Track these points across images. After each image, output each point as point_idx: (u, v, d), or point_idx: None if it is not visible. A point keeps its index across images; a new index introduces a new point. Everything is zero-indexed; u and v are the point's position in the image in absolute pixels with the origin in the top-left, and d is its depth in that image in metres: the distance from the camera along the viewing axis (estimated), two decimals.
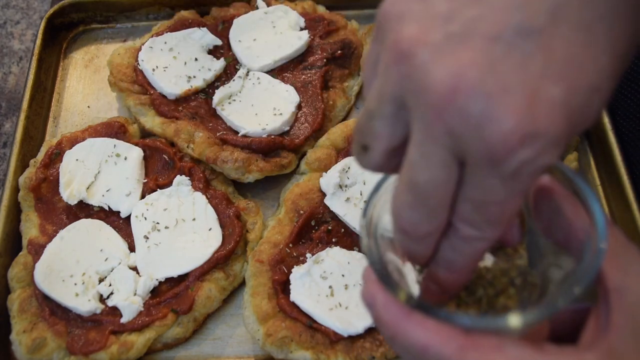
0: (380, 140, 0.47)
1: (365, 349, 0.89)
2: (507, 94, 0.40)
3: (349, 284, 0.93)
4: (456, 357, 0.45)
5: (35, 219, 1.05)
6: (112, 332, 0.93)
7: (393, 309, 0.48)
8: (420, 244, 0.48)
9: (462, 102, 0.41)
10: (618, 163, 1.06)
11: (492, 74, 0.41)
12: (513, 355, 0.45)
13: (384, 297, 0.49)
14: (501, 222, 0.45)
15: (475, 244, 0.47)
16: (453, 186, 0.44)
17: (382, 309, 0.49)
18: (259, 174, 1.07)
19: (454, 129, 0.41)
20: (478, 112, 0.40)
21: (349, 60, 1.23)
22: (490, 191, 0.43)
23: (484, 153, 0.41)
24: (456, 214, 0.46)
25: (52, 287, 0.95)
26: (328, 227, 1.02)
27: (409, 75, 0.43)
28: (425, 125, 0.43)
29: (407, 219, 0.47)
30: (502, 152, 0.41)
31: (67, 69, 1.30)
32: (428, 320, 0.47)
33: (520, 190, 0.43)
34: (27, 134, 1.15)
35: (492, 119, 0.40)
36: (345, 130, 1.11)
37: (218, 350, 0.97)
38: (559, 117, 0.41)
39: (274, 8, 1.26)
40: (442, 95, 0.41)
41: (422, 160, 0.44)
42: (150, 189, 1.06)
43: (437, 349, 0.46)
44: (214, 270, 0.98)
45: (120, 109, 1.23)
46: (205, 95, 1.17)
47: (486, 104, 0.40)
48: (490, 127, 0.40)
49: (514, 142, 0.40)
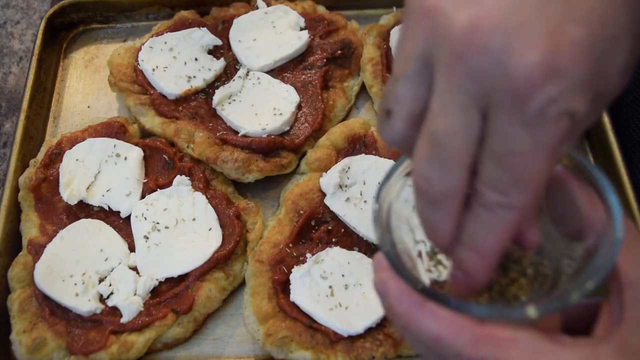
0: (403, 102, 0.46)
1: (365, 349, 0.89)
2: (529, 30, 0.39)
3: (349, 284, 0.93)
4: (469, 349, 0.44)
5: (35, 219, 1.05)
6: (112, 332, 0.93)
7: (406, 298, 0.47)
8: (439, 209, 0.45)
9: (483, 40, 0.40)
10: (618, 163, 1.06)
11: (513, 13, 0.40)
12: (528, 347, 0.44)
13: (397, 286, 0.47)
14: (527, 184, 0.42)
15: (501, 215, 0.44)
16: (473, 139, 0.42)
17: (395, 299, 0.47)
18: (259, 174, 1.07)
19: (476, 69, 0.40)
20: (499, 48, 0.39)
21: (349, 60, 1.23)
22: (514, 139, 0.41)
23: (507, 90, 0.40)
24: (479, 177, 0.44)
25: (52, 287, 0.95)
26: (328, 227, 1.02)
27: (432, 28, 0.43)
28: (447, 70, 0.42)
29: (423, 174, 0.45)
30: (527, 88, 0.39)
31: (67, 69, 1.30)
32: (441, 310, 0.45)
33: (546, 141, 0.41)
34: (27, 134, 1.15)
35: (515, 54, 0.39)
36: (345, 130, 1.11)
37: (218, 350, 0.97)
38: (582, 57, 0.40)
39: (274, 8, 1.26)
40: (462, 36, 0.40)
41: (442, 108, 0.42)
42: (150, 189, 1.06)
43: (450, 340, 0.45)
44: (214, 270, 0.98)
45: (120, 109, 1.23)
46: (205, 95, 1.17)
47: (508, 40, 0.39)
48: (514, 61, 0.39)
49: (539, 78, 0.39)
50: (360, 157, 1.07)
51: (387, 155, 1.07)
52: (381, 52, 1.22)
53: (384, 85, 1.18)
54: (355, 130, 1.11)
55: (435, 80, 0.43)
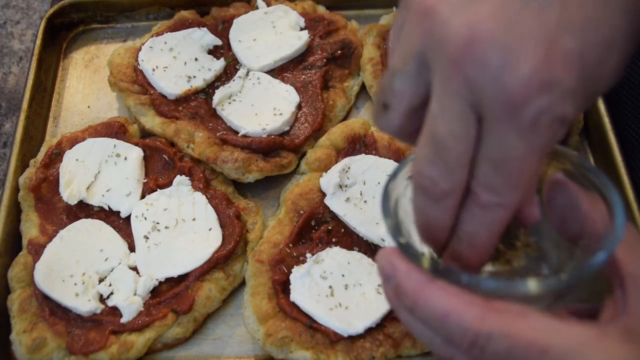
0: (401, 98, 0.48)
1: (365, 349, 0.89)
2: (524, 43, 0.41)
3: (349, 284, 0.93)
4: (477, 323, 0.45)
5: (35, 219, 1.05)
6: (112, 332, 0.93)
7: (416, 275, 0.48)
8: (439, 206, 0.48)
9: (479, 52, 0.42)
10: (618, 163, 1.06)
11: (509, 24, 0.42)
12: (535, 322, 0.45)
13: (406, 265, 0.49)
14: (520, 185, 0.45)
15: (495, 212, 0.46)
16: (472, 142, 0.45)
17: (404, 276, 0.48)
18: (259, 174, 1.07)
19: (472, 79, 0.42)
20: (496, 61, 0.41)
21: (349, 60, 1.23)
22: (508, 146, 0.43)
23: (503, 101, 0.42)
24: (475, 179, 0.46)
25: (52, 287, 0.95)
26: (328, 227, 1.02)
27: (430, 31, 0.44)
28: (445, 77, 0.44)
29: (426, 174, 0.47)
30: (520, 99, 0.41)
31: (67, 69, 1.30)
32: (450, 287, 0.47)
33: (538, 145, 0.43)
34: (27, 134, 1.15)
35: (510, 67, 0.41)
36: (345, 130, 1.11)
37: (218, 350, 0.97)
38: (574, 68, 0.42)
39: (274, 8, 1.26)
40: (460, 47, 0.42)
41: (442, 112, 0.45)
42: (150, 189, 1.06)
43: (458, 315, 0.45)
44: (214, 270, 0.98)
45: (120, 109, 1.23)
46: (205, 95, 1.17)
47: (504, 53, 0.41)
48: (509, 74, 0.41)
49: (532, 89, 0.41)
50: (360, 157, 1.07)
51: (387, 155, 1.07)
52: (381, 52, 1.22)
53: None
54: (355, 130, 1.11)
55: (433, 82, 0.45)
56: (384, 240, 0.98)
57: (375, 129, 1.12)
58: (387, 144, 1.09)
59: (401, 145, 1.08)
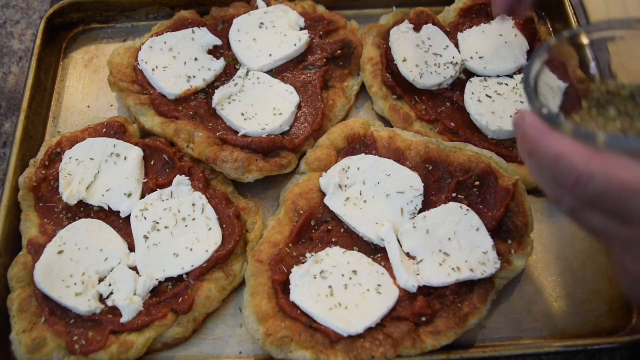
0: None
1: (365, 349, 0.89)
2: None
3: (348, 284, 0.93)
4: (583, 165, 0.56)
5: (35, 219, 1.05)
6: (112, 332, 0.93)
7: (539, 126, 0.61)
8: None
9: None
10: None
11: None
12: (635, 170, 0.54)
13: (534, 118, 0.61)
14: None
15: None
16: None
17: (529, 126, 0.62)
18: (259, 174, 1.07)
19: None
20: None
21: (349, 60, 1.23)
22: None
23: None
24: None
25: (52, 287, 0.95)
26: (328, 227, 1.02)
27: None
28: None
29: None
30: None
31: (67, 69, 1.30)
32: (564, 137, 0.58)
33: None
34: (27, 134, 1.15)
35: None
36: (345, 130, 1.11)
37: (218, 350, 0.97)
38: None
39: (274, 8, 1.26)
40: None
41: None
42: (150, 189, 1.06)
43: (568, 157, 0.57)
44: (214, 270, 0.99)
45: (120, 109, 1.23)
46: (205, 95, 1.17)
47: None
48: None
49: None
50: (360, 157, 1.07)
51: (387, 155, 1.07)
52: (381, 52, 1.22)
53: (383, 85, 1.18)
54: (355, 130, 1.11)
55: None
56: (384, 240, 0.98)
57: (375, 129, 1.12)
58: (387, 144, 1.09)
59: (401, 145, 1.08)
